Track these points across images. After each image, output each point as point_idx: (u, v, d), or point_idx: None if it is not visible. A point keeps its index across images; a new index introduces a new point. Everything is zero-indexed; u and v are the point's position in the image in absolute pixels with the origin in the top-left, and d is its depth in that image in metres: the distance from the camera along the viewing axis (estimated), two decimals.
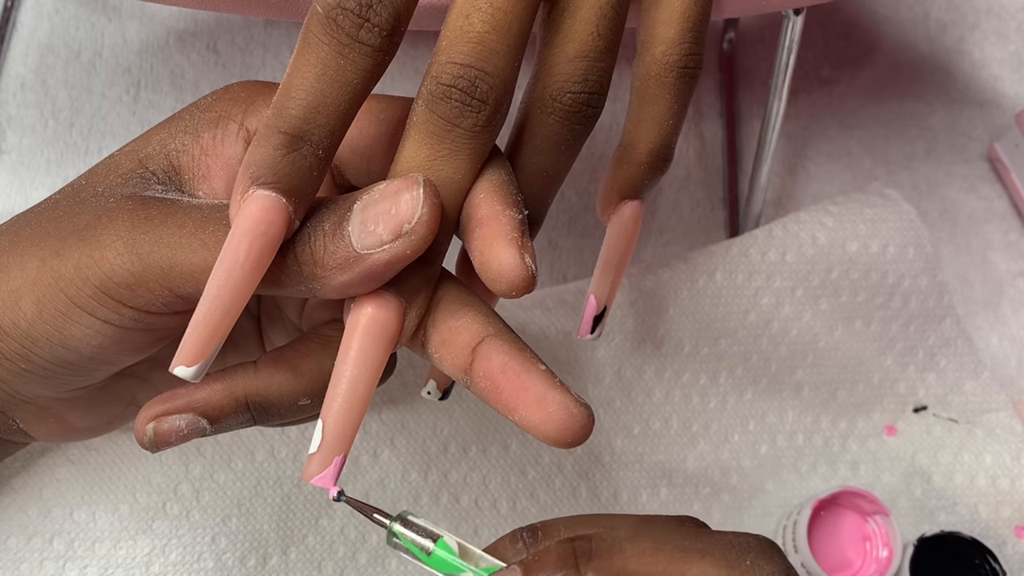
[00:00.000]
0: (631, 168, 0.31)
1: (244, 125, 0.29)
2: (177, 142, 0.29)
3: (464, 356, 0.26)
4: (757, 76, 0.61)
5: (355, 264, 0.25)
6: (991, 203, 0.58)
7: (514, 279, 0.25)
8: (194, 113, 0.29)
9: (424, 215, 0.25)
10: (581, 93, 0.27)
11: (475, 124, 0.26)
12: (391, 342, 0.26)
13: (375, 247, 0.25)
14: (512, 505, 0.45)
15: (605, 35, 0.27)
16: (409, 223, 0.24)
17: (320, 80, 0.25)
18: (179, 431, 0.28)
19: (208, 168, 0.29)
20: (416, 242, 0.25)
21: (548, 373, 0.26)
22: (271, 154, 0.25)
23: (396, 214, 0.25)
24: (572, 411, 0.25)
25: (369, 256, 0.25)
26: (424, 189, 0.25)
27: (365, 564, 0.43)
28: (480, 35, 0.25)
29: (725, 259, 0.47)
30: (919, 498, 0.49)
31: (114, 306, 0.27)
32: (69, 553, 0.40)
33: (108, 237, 0.26)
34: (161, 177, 0.28)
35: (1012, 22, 0.63)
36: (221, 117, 0.29)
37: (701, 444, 0.48)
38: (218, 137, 0.29)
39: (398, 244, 0.25)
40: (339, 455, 0.26)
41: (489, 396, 0.26)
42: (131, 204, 0.27)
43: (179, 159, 0.29)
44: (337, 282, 0.25)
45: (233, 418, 0.29)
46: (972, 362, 0.51)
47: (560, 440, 0.26)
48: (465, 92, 0.25)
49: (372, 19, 0.24)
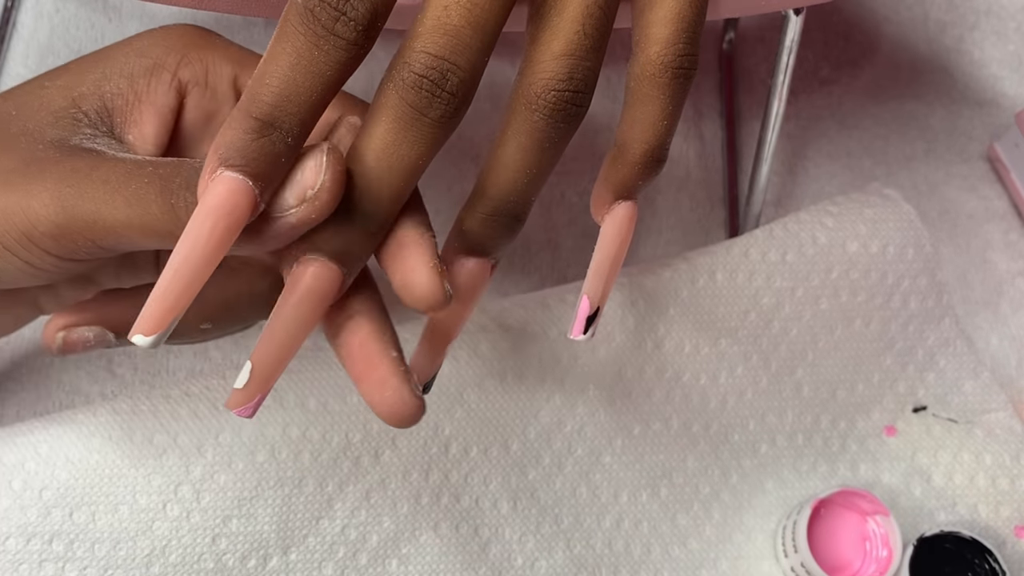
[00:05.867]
0: (625, 168, 0.31)
1: (177, 76, 0.31)
2: (112, 85, 0.30)
3: (336, 324, 0.29)
4: (757, 76, 0.61)
5: (267, 226, 0.27)
6: (991, 203, 0.58)
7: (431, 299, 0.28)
8: (130, 56, 0.31)
9: (326, 182, 0.26)
10: (566, 91, 0.27)
11: (443, 116, 0.26)
12: (326, 304, 0.28)
13: (283, 211, 0.26)
14: (513, 505, 0.45)
15: (591, 34, 0.27)
16: (312, 189, 0.26)
17: (294, 69, 0.25)
18: (86, 341, 0.31)
19: (140, 114, 0.30)
20: (319, 207, 0.26)
21: (398, 360, 0.29)
22: (241, 137, 0.25)
23: (300, 180, 0.26)
24: (405, 399, 0.28)
25: (278, 219, 0.26)
26: (328, 156, 0.26)
27: (365, 565, 0.43)
28: (456, 28, 0.26)
29: (726, 259, 0.47)
30: (919, 498, 0.49)
31: (38, 252, 0.28)
32: (68, 554, 0.40)
33: (35, 187, 0.28)
34: (93, 119, 0.30)
35: (1012, 22, 0.63)
36: (156, 65, 0.30)
37: (701, 444, 0.48)
38: (152, 85, 0.30)
39: (303, 209, 0.26)
40: (260, 394, 0.28)
41: (344, 363, 0.29)
42: (58, 155, 0.28)
43: (113, 102, 0.30)
44: (251, 242, 0.27)
45: None
46: (972, 362, 0.51)
47: (389, 421, 0.28)
48: (436, 84, 0.26)
49: (349, 13, 0.25)
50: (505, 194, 0.29)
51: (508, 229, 0.29)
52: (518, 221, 0.30)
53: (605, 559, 0.46)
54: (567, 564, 0.46)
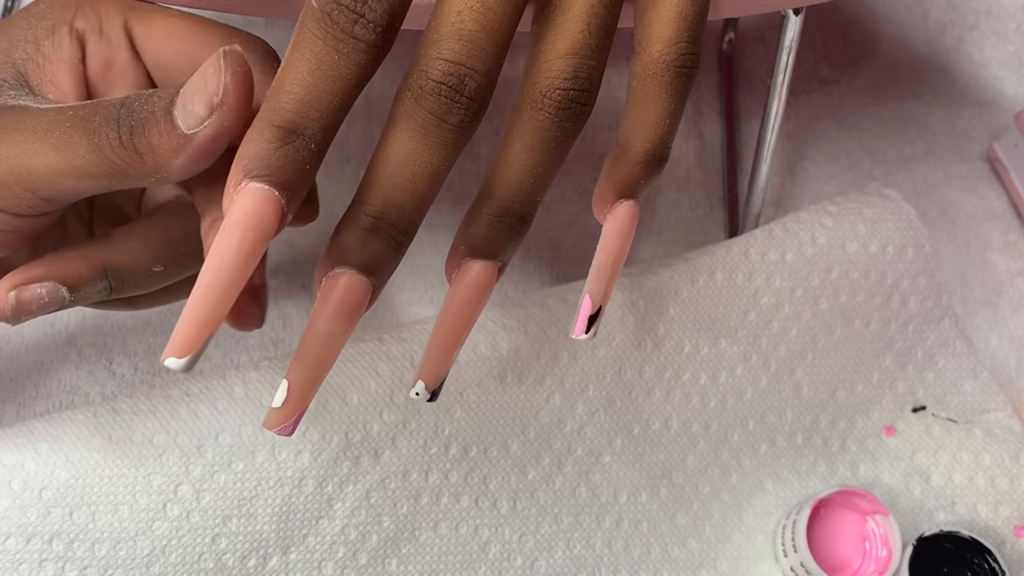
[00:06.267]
0: (627, 167, 0.31)
1: (74, 27, 0.31)
2: (20, 51, 0.31)
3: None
4: (757, 76, 0.61)
5: (186, 145, 0.26)
6: (990, 203, 0.58)
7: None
8: (31, 22, 0.31)
9: (228, 83, 0.26)
10: (571, 90, 0.27)
11: (462, 121, 0.26)
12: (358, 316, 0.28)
13: (197, 125, 0.26)
14: (512, 505, 0.45)
15: (596, 33, 0.28)
16: (217, 95, 0.26)
17: (314, 75, 0.25)
18: (40, 299, 0.30)
19: (53, 73, 0.31)
20: (229, 112, 0.26)
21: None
22: (264, 147, 0.25)
23: (205, 88, 0.26)
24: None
25: (195, 135, 0.26)
26: (226, 59, 0.26)
27: (365, 565, 0.43)
28: (471, 33, 0.26)
29: (725, 259, 0.47)
30: (918, 498, 0.49)
31: None
32: (68, 554, 0.40)
33: None
34: (12, 83, 0.30)
35: (1012, 22, 0.63)
36: (55, 24, 0.31)
37: (701, 444, 0.48)
38: (56, 43, 0.31)
39: (215, 118, 0.26)
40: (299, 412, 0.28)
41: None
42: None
43: (25, 67, 0.31)
44: (177, 165, 0.27)
45: (91, 285, 0.31)
46: (971, 362, 0.51)
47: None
48: (454, 89, 0.26)
49: (367, 15, 0.25)
50: (511, 194, 0.29)
51: (514, 231, 0.29)
52: (524, 222, 0.29)
53: (605, 559, 0.46)
54: (567, 564, 0.46)
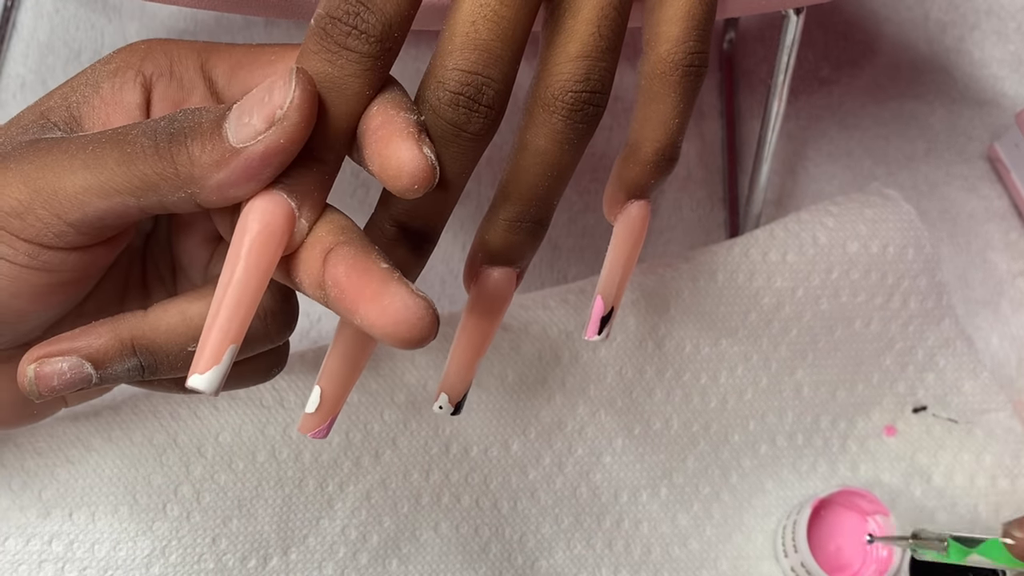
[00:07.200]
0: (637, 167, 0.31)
1: (141, 71, 0.30)
2: (78, 94, 0.30)
3: (317, 268, 0.26)
4: (757, 76, 0.61)
5: (231, 159, 0.25)
6: (991, 203, 0.58)
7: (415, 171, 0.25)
8: (96, 68, 0.30)
9: (296, 98, 0.25)
10: (583, 92, 0.27)
11: (481, 129, 0.27)
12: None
13: (250, 139, 0.25)
14: (513, 505, 0.45)
15: (606, 35, 0.28)
16: (281, 108, 0.25)
17: (319, 89, 0.26)
18: (61, 374, 0.28)
19: (108, 116, 0.30)
20: (290, 128, 0.25)
21: (389, 270, 0.25)
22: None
23: (269, 101, 0.25)
24: (408, 303, 0.24)
25: (244, 149, 0.25)
26: (296, 76, 0.25)
27: (366, 564, 0.43)
28: (486, 43, 0.26)
29: (726, 259, 0.47)
30: (919, 498, 0.49)
31: (8, 239, 0.27)
32: (68, 555, 0.40)
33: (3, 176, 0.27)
34: (62, 127, 0.29)
35: (1012, 22, 0.63)
36: (120, 68, 0.30)
37: (701, 444, 0.48)
38: (117, 85, 0.30)
39: (272, 132, 0.25)
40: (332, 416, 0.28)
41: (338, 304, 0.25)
42: (25, 144, 0.28)
43: (79, 109, 0.30)
44: (213, 182, 0.25)
45: (119, 363, 0.28)
46: (971, 362, 0.51)
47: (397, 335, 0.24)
48: (472, 99, 0.26)
49: (360, 26, 0.25)
50: (527, 198, 0.29)
51: (532, 235, 0.29)
52: (541, 226, 0.30)
53: (605, 559, 0.46)
54: (567, 564, 0.46)
